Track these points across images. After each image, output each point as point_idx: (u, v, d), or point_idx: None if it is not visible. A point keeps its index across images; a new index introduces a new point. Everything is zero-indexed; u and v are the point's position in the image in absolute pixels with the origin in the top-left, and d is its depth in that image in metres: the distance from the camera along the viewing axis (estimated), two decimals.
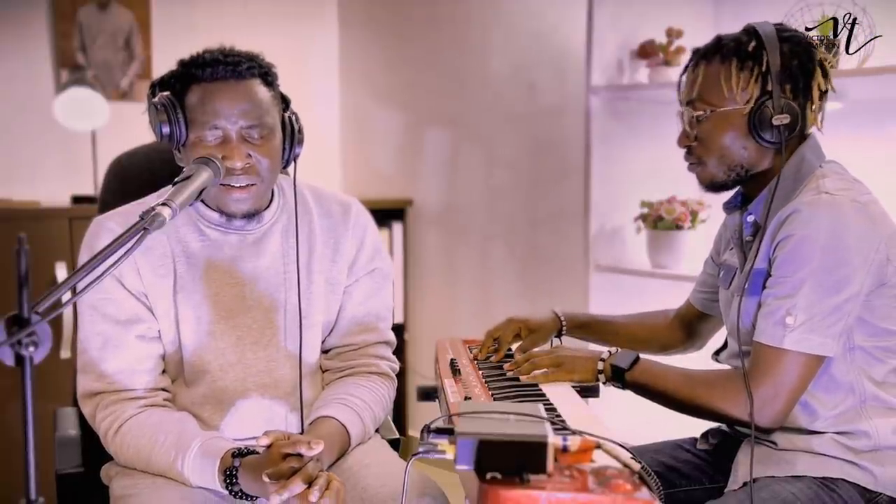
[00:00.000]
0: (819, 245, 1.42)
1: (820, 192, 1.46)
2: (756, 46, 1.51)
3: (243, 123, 1.48)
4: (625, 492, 0.98)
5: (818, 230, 1.42)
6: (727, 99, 1.52)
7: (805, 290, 1.42)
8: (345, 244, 1.67)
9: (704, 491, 1.65)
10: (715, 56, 1.54)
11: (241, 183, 1.49)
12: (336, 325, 1.68)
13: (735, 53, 1.52)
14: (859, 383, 1.48)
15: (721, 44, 1.55)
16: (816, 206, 1.44)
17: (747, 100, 1.51)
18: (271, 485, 1.31)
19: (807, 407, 1.49)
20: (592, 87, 2.59)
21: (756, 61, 1.51)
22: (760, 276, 1.50)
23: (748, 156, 1.54)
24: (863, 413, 1.48)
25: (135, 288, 1.53)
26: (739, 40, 1.53)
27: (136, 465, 1.50)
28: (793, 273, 1.43)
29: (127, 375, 1.52)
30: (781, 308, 1.43)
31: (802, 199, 1.47)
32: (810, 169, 1.53)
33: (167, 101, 1.48)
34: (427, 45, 3.53)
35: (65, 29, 3.21)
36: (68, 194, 3.08)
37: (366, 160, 3.85)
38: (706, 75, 1.54)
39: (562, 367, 1.57)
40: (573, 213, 2.95)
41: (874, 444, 1.47)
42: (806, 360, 1.43)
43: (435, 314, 3.58)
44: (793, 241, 1.44)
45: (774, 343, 1.43)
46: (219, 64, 1.48)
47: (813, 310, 1.42)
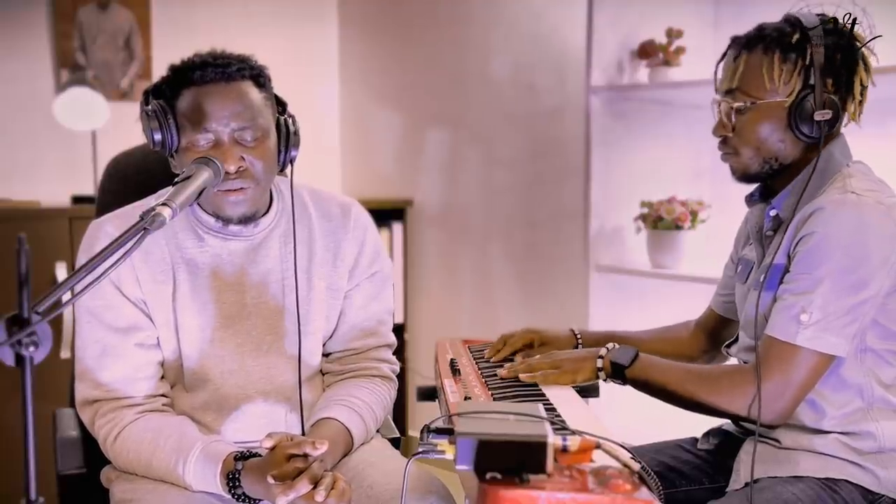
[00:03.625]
0: (841, 244, 1.41)
1: (846, 192, 1.45)
2: (800, 38, 1.48)
3: (235, 126, 1.46)
4: (624, 492, 0.98)
5: (841, 229, 1.41)
6: (769, 91, 1.50)
7: (823, 288, 1.41)
8: (345, 247, 1.65)
9: (705, 491, 1.64)
10: (757, 46, 1.51)
11: (235, 186, 1.47)
12: (337, 330, 1.67)
13: (778, 44, 1.49)
14: (868, 385, 1.47)
15: (764, 33, 1.51)
16: (841, 206, 1.43)
17: (789, 93, 1.49)
18: (276, 486, 1.30)
19: (814, 405, 1.48)
20: (592, 88, 2.59)
21: (800, 53, 1.48)
22: (779, 272, 1.49)
23: (784, 149, 1.52)
24: (869, 414, 1.47)
25: (134, 295, 1.52)
26: (783, 31, 1.50)
27: (137, 471, 1.49)
28: (812, 270, 1.42)
29: (126, 383, 1.51)
30: (797, 304, 1.42)
31: (828, 197, 1.46)
32: (837, 167, 1.51)
33: (158, 107, 1.47)
34: (427, 46, 3.53)
35: (65, 29, 3.21)
36: (68, 194, 3.08)
37: (366, 160, 3.84)
38: (748, 65, 1.51)
39: (561, 369, 1.55)
40: (573, 213, 2.95)
41: (879, 445, 1.47)
42: (817, 359, 1.42)
43: (435, 314, 3.58)
44: (815, 238, 1.42)
45: (787, 338, 1.42)
46: (208, 66, 1.46)
47: (829, 308, 1.41)
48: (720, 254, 2.62)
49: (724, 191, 2.80)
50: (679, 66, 2.61)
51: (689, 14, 2.70)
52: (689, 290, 2.50)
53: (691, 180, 2.83)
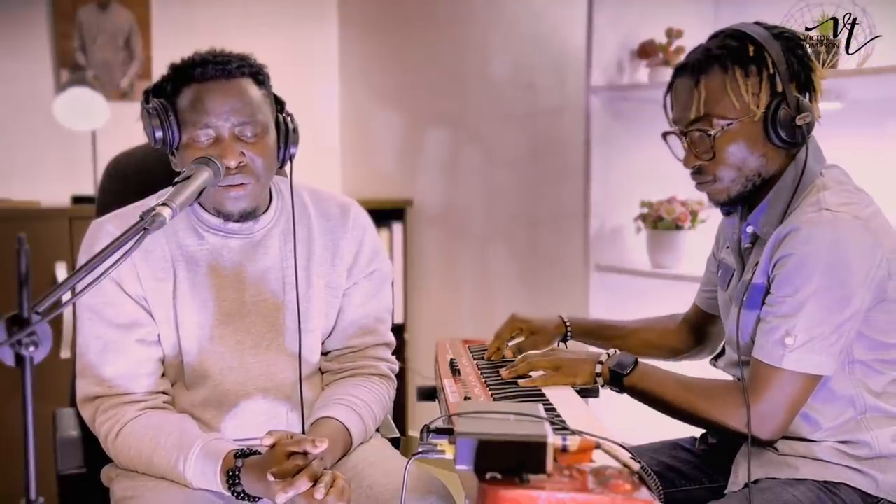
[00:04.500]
0: (820, 264, 1.39)
1: (821, 209, 1.42)
2: (756, 49, 1.46)
3: (235, 121, 1.48)
4: (624, 492, 0.98)
5: (819, 249, 1.39)
6: (739, 109, 1.46)
7: (806, 310, 1.39)
8: (344, 246, 1.67)
9: (704, 491, 1.64)
10: (712, 67, 1.47)
11: (236, 182, 1.48)
12: (336, 328, 1.68)
13: (735, 60, 1.46)
14: (859, 395, 1.46)
15: (713, 54, 1.48)
16: (817, 225, 1.40)
17: (760, 105, 1.45)
18: (276, 483, 1.30)
19: (807, 418, 1.47)
20: (592, 88, 2.59)
21: (760, 64, 1.45)
22: (759, 292, 1.47)
23: (765, 163, 1.49)
24: (863, 423, 1.46)
25: (135, 293, 1.53)
26: (733, 46, 1.47)
27: (138, 468, 1.50)
28: (793, 293, 1.40)
29: (127, 380, 1.52)
30: (781, 328, 1.41)
31: (802, 215, 1.43)
32: (811, 177, 1.48)
33: (158, 105, 1.49)
34: (427, 46, 3.53)
35: (65, 29, 3.21)
36: (68, 194, 3.08)
37: (366, 160, 3.85)
38: (709, 89, 1.47)
39: (560, 371, 1.55)
40: (573, 213, 2.95)
41: (876, 452, 1.46)
42: (804, 379, 1.41)
43: (435, 314, 3.58)
44: (793, 259, 1.40)
45: (773, 362, 1.41)
46: (208, 64, 1.49)
47: (813, 331, 1.39)
48: None
49: None
50: None
51: (689, 14, 2.70)
52: (688, 289, 2.49)
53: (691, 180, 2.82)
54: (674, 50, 2.60)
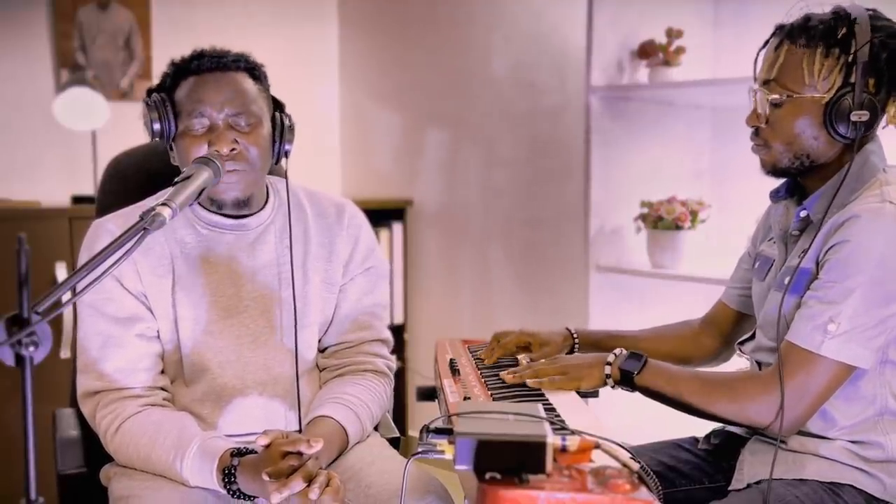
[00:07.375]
0: (874, 255, 1.37)
1: (883, 201, 1.40)
2: (846, 33, 1.42)
3: (229, 111, 1.52)
4: (624, 492, 0.98)
5: (875, 240, 1.37)
6: (807, 85, 1.44)
7: (853, 299, 1.37)
8: (339, 244, 1.69)
9: (704, 491, 1.63)
10: (801, 37, 1.45)
11: (229, 168, 1.50)
12: (332, 322, 1.69)
13: (823, 38, 1.43)
14: (882, 396, 1.45)
15: (809, 24, 1.45)
16: (877, 215, 1.38)
17: (828, 89, 1.43)
18: (271, 483, 1.31)
19: (824, 415, 1.45)
20: (592, 87, 2.60)
21: (844, 49, 1.42)
22: (805, 276, 1.45)
23: (817, 146, 1.47)
24: (879, 425, 1.45)
25: (134, 288, 1.55)
26: (829, 23, 1.44)
27: (136, 465, 1.50)
28: (843, 280, 1.38)
29: (127, 374, 1.53)
30: (825, 313, 1.38)
31: (864, 204, 1.41)
32: (873, 172, 1.47)
33: (158, 98, 1.54)
34: (427, 46, 3.53)
35: (65, 29, 3.21)
36: (68, 194, 3.08)
37: (366, 160, 3.85)
38: (789, 57, 1.46)
39: (568, 376, 1.52)
40: (573, 213, 2.95)
41: (887, 455, 1.45)
42: (839, 369, 1.39)
43: (435, 314, 3.58)
44: (848, 247, 1.38)
45: (811, 347, 1.39)
46: (204, 57, 1.55)
47: (858, 320, 1.37)
48: (720, 254, 2.63)
49: (723, 191, 2.81)
50: (679, 66, 2.61)
51: (689, 14, 2.70)
52: (688, 290, 2.51)
53: (691, 180, 2.83)
54: (674, 50, 2.60)
